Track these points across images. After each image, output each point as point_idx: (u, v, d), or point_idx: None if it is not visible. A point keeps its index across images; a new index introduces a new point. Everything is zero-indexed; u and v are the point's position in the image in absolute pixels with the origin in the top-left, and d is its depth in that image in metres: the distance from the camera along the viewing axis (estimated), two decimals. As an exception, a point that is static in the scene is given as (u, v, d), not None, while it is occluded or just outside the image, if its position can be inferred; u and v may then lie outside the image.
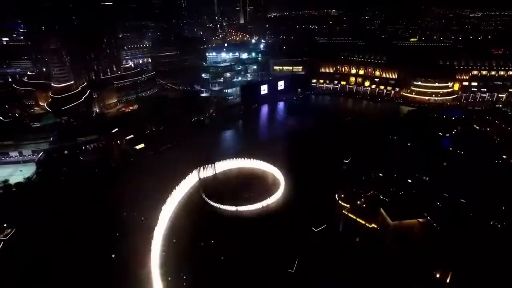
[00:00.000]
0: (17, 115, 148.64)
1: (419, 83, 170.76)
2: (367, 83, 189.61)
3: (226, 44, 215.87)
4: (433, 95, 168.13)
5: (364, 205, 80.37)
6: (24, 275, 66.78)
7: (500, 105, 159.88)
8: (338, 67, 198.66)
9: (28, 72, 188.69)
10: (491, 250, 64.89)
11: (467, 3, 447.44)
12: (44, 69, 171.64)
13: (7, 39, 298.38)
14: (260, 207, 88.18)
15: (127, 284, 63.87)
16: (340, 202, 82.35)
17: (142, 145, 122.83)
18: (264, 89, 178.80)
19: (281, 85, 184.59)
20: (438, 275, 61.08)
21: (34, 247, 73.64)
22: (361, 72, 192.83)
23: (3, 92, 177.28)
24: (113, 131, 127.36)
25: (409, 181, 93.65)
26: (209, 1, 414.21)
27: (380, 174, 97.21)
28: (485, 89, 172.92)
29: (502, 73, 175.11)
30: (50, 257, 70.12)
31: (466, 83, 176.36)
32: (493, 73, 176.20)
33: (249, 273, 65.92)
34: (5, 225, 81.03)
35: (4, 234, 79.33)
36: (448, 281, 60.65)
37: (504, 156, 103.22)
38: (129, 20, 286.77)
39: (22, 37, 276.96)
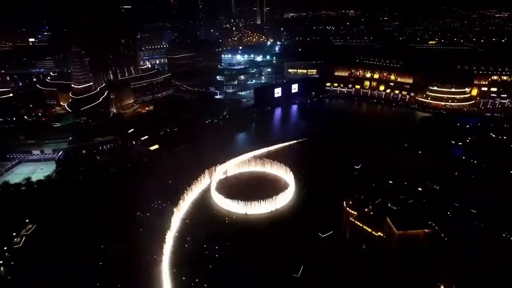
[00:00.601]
0: (39, 114, 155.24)
1: (435, 88, 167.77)
2: (381, 87, 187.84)
3: (240, 47, 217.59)
4: (449, 101, 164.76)
5: (371, 213, 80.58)
6: (44, 268, 70.47)
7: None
8: (353, 70, 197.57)
9: (51, 73, 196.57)
10: (501, 264, 64.13)
11: (493, 3, 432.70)
12: (65, 69, 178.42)
13: (33, 39, 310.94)
14: (269, 211, 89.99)
15: (138, 282, 66.74)
16: (347, 209, 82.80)
17: (156, 146, 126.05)
18: (278, 92, 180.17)
19: (294, 88, 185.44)
20: None
21: (52, 243, 77.49)
22: (376, 76, 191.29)
23: (28, 92, 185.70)
24: (129, 131, 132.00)
25: (420, 189, 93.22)
26: (226, 1, 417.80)
27: (390, 182, 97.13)
28: (505, 95, 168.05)
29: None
30: (66, 253, 73.77)
31: (485, 89, 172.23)
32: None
33: (255, 276, 67.30)
34: (27, 220, 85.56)
35: (26, 229, 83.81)
36: (452, 294, 60.56)
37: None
38: (147, 22, 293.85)
39: (46, 38, 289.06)
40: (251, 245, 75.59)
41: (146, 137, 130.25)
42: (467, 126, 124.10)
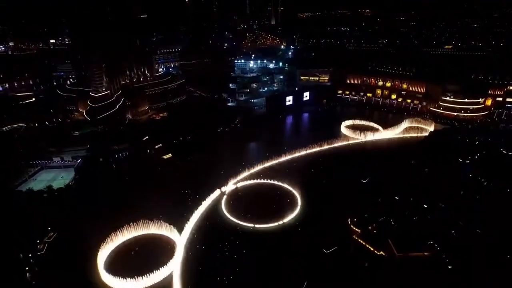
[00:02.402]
0: (60, 120, 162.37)
1: (448, 98, 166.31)
2: (393, 96, 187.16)
3: (253, 55, 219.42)
4: (462, 111, 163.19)
5: (374, 231, 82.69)
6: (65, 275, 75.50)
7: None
8: (365, 78, 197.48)
9: (70, 79, 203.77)
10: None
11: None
12: (83, 73, 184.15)
13: (54, 40, 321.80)
14: (276, 224, 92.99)
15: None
16: (351, 226, 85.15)
17: (169, 155, 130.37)
18: (289, 100, 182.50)
19: (306, 96, 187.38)
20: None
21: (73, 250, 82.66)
22: (388, 84, 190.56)
23: (48, 97, 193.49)
24: (143, 139, 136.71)
25: (425, 206, 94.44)
26: (241, 3, 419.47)
27: (396, 197, 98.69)
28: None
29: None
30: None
31: (500, 99, 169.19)
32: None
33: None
34: (49, 228, 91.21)
35: (48, 236, 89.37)
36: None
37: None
38: (162, 25, 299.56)
39: (66, 41, 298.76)
40: (256, 260, 78.48)
41: (160, 145, 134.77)
42: (476, 143, 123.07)
